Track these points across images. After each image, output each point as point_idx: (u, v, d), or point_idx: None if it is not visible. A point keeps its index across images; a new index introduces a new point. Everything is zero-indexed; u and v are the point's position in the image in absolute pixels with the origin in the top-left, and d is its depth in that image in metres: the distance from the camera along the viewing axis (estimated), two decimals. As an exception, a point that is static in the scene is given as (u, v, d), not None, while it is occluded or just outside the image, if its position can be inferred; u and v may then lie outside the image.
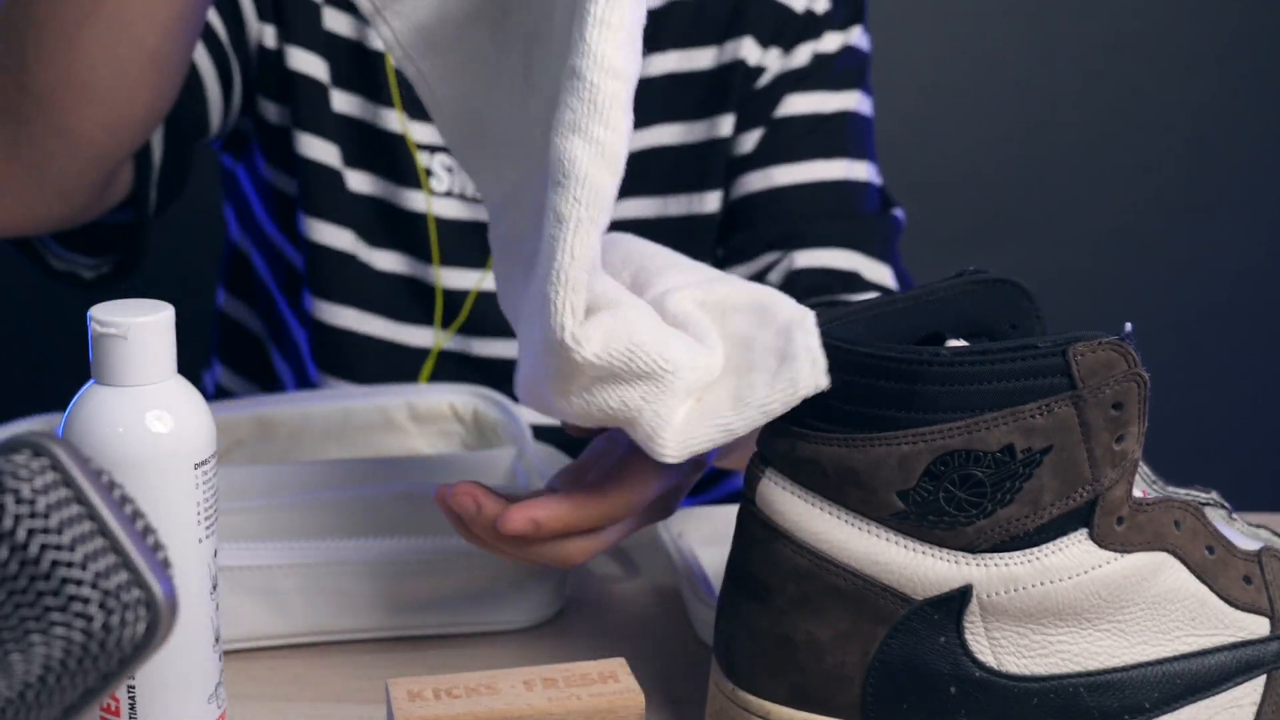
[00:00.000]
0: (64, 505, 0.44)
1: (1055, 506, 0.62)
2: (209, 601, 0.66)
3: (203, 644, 0.66)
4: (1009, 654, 0.63)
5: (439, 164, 1.09)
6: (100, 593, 0.43)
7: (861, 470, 0.62)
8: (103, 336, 0.63)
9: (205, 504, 0.65)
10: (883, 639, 0.64)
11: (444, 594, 0.80)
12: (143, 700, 0.65)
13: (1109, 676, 0.64)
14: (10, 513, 0.43)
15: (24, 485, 0.43)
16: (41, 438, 0.44)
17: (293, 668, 0.78)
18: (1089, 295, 1.95)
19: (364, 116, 1.09)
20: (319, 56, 1.08)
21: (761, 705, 0.65)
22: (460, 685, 0.66)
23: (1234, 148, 1.94)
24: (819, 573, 0.64)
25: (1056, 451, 0.62)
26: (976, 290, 0.69)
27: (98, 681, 0.45)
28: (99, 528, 0.44)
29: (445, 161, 1.09)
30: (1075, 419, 0.62)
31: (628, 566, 0.89)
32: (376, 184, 1.10)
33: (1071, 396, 0.61)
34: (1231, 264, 1.97)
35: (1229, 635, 0.65)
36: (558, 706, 0.64)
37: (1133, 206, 1.95)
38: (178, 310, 0.66)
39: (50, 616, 0.43)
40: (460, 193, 1.09)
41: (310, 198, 1.08)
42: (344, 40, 1.09)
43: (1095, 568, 0.63)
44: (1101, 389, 0.62)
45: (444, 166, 1.09)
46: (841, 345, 0.63)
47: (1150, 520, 0.64)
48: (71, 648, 0.43)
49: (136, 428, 0.63)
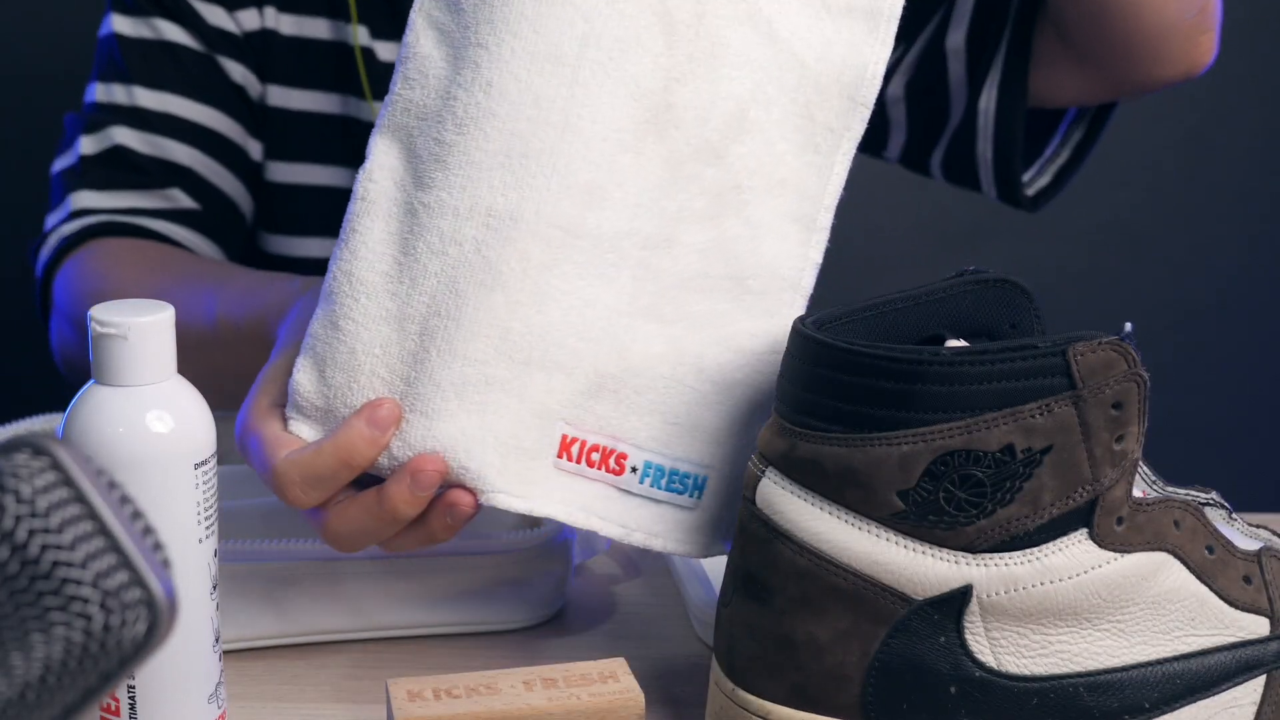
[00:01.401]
0: (64, 505, 0.44)
1: (1055, 506, 0.62)
2: (209, 601, 0.66)
3: (203, 644, 0.66)
4: (1009, 654, 0.63)
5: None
6: (100, 593, 0.43)
7: (861, 470, 0.62)
8: (103, 336, 0.63)
9: (205, 504, 0.65)
10: (883, 639, 0.64)
11: (444, 594, 0.80)
12: (143, 700, 0.65)
13: (1109, 676, 0.64)
14: (10, 513, 0.43)
15: (24, 485, 0.43)
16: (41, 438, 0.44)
17: (293, 668, 0.78)
18: (1089, 295, 1.95)
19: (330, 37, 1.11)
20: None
21: (761, 705, 0.65)
22: (460, 685, 0.66)
23: (1234, 147, 1.94)
24: (819, 573, 0.64)
25: (1056, 451, 0.62)
26: (976, 290, 0.69)
27: (98, 681, 0.45)
28: (99, 528, 0.44)
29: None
30: (1075, 419, 0.62)
31: (628, 566, 0.89)
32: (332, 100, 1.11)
33: (1071, 396, 0.61)
34: (1232, 264, 1.97)
35: (1229, 635, 0.65)
36: (558, 706, 0.64)
37: (1133, 206, 1.95)
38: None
39: (51, 616, 0.43)
40: None
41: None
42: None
43: (1095, 568, 0.63)
44: (1101, 389, 0.62)
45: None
46: (841, 345, 0.63)
47: (1150, 520, 0.64)
48: (72, 647, 0.43)
49: (136, 428, 0.63)
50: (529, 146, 0.68)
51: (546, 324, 0.69)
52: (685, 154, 0.70)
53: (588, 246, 0.69)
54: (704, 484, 0.73)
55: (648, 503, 0.72)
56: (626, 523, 0.72)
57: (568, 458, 0.70)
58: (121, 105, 1.07)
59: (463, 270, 0.68)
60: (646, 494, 0.72)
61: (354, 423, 0.68)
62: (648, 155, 0.70)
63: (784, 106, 0.72)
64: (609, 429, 0.71)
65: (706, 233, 0.71)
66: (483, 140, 0.68)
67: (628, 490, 0.71)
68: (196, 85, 1.08)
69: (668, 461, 0.72)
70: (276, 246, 1.12)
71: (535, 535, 0.80)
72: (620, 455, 0.71)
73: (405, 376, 0.68)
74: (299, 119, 1.10)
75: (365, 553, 0.78)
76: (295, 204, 1.11)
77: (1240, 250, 1.97)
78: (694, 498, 0.73)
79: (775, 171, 0.72)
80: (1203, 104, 1.93)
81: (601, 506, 0.71)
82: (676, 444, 0.72)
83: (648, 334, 0.71)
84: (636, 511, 0.72)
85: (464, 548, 0.79)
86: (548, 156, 0.68)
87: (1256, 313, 1.98)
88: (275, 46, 1.09)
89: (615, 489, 0.71)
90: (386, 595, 0.79)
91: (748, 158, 0.71)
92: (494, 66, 0.68)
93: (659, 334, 0.71)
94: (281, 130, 1.10)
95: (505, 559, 0.80)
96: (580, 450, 0.70)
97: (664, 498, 0.72)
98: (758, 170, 0.72)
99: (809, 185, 0.73)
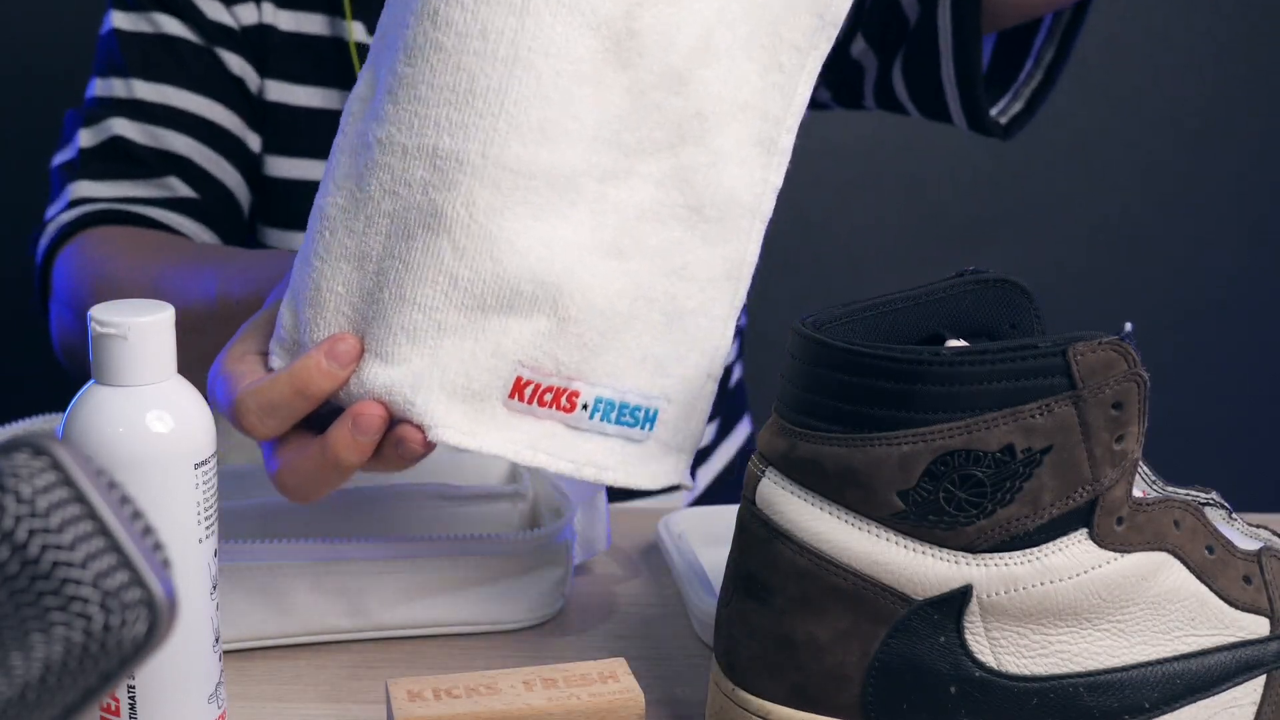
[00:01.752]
0: (64, 505, 0.44)
1: (1055, 506, 0.62)
2: (209, 601, 0.66)
3: (203, 644, 0.66)
4: (1009, 654, 0.63)
5: None
6: (100, 593, 0.43)
7: (861, 470, 0.62)
8: (103, 336, 0.63)
9: (205, 504, 0.65)
10: (883, 639, 0.64)
11: (444, 593, 0.80)
12: (143, 700, 0.65)
13: (1109, 676, 0.64)
14: (10, 513, 0.43)
15: (24, 485, 0.43)
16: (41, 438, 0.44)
17: (293, 668, 0.78)
18: (1089, 295, 1.95)
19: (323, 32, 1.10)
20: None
21: (761, 705, 0.65)
22: (460, 685, 0.66)
23: (1234, 146, 1.94)
24: (819, 573, 0.64)
25: (1056, 451, 0.62)
26: (976, 290, 0.69)
27: (98, 681, 0.45)
28: (99, 528, 0.44)
29: None
30: (1075, 419, 0.62)
31: (628, 566, 0.89)
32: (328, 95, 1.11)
33: (1071, 396, 0.61)
34: (1232, 264, 1.97)
35: (1229, 635, 0.65)
36: (558, 706, 0.64)
37: (1133, 206, 1.95)
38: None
39: (51, 616, 0.43)
40: None
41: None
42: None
43: (1095, 568, 0.63)
44: (1101, 389, 0.62)
45: None
46: (841, 345, 0.63)
47: (1150, 520, 0.64)
48: (72, 647, 0.43)
49: (136, 428, 0.63)
50: (475, 83, 0.65)
51: (499, 271, 0.67)
52: (648, 83, 0.68)
53: (541, 186, 0.67)
54: (655, 416, 0.71)
55: (597, 437, 0.71)
56: (575, 458, 0.70)
57: (519, 398, 0.69)
58: (120, 98, 1.07)
59: (413, 213, 0.67)
60: (596, 429, 0.70)
61: (313, 354, 0.68)
62: (607, 86, 0.67)
63: (750, 25, 0.70)
64: (566, 371, 0.69)
65: (664, 162, 0.70)
66: (429, 74, 0.66)
67: (577, 427, 0.70)
68: (195, 78, 1.08)
69: (618, 395, 0.70)
70: (277, 241, 1.13)
71: (535, 536, 0.80)
72: (572, 394, 0.70)
73: (365, 315, 0.68)
74: (298, 114, 1.10)
75: (365, 553, 0.78)
76: (295, 199, 1.11)
77: (1240, 250, 1.97)
78: (645, 430, 0.71)
79: (738, 94, 0.70)
80: (1203, 104, 1.93)
81: (549, 444, 0.70)
82: (627, 376, 0.70)
83: (608, 271, 0.69)
84: (585, 445, 0.70)
85: (464, 548, 0.79)
86: (495, 94, 0.66)
87: (1256, 313, 1.98)
88: (273, 41, 1.10)
89: (565, 426, 0.70)
90: (386, 595, 0.79)
91: (712, 82, 0.69)
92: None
93: (618, 270, 0.70)
94: (280, 125, 1.11)
95: (505, 559, 0.80)
96: (534, 392, 0.69)
97: (614, 431, 0.71)
98: (721, 95, 0.70)
99: (772, 107, 0.71)
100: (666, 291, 0.71)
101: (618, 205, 0.69)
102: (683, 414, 0.72)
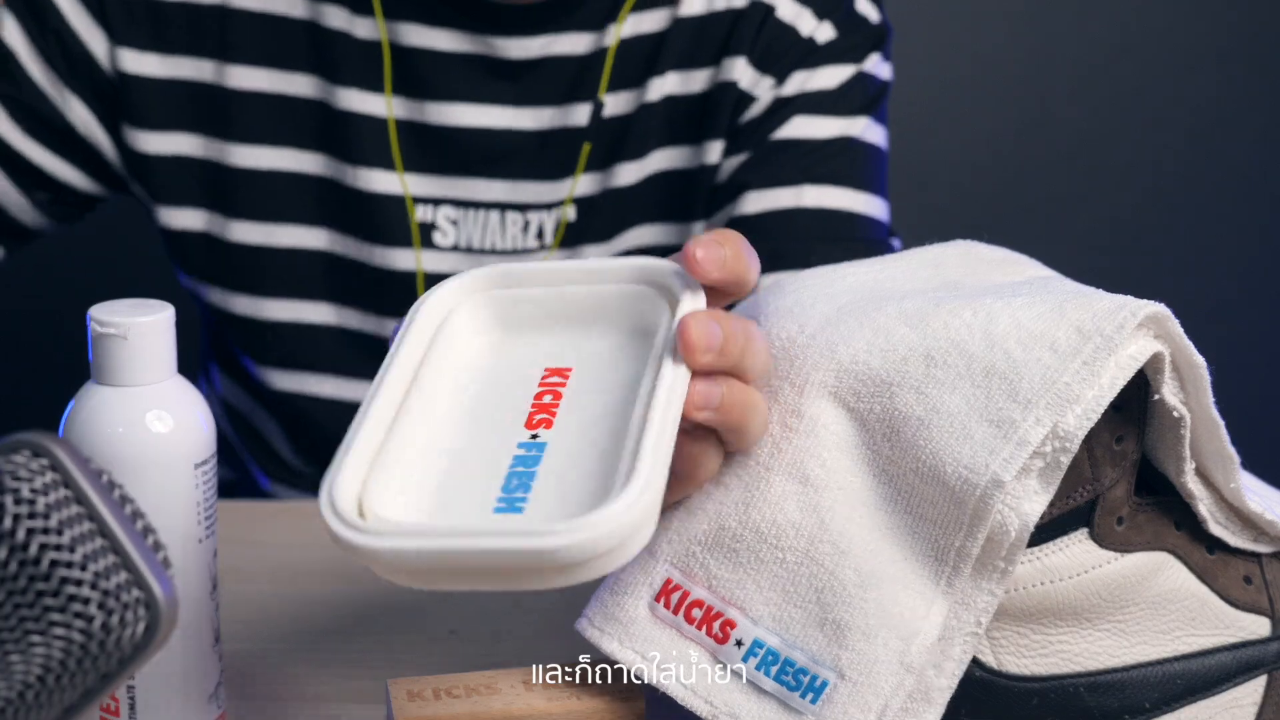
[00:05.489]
0: (64, 505, 0.44)
1: (1055, 506, 0.62)
2: (209, 601, 0.66)
3: (203, 644, 0.66)
4: (1009, 654, 0.63)
5: (443, 218, 1.05)
6: (100, 593, 0.43)
7: (862, 470, 0.62)
8: (103, 336, 0.63)
9: (205, 504, 0.65)
10: (883, 639, 0.63)
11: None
12: (143, 700, 0.65)
13: (1109, 676, 0.64)
14: (10, 513, 0.43)
15: (24, 485, 0.43)
16: (41, 438, 0.44)
17: (293, 668, 0.78)
18: (1089, 295, 1.95)
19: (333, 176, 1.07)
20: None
21: (762, 705, 0.65)
22: (460, 685, 0.66)
23: (1234, 147, 1.94)
24: (819, 573, 0.63)
25: (1057, 451, 0.62)
26: (977, 290, 0.69)
27: (97, 682, 0.45)
28: (99, 528, 0.44)
29: (450, 215, 1.05)
30: (1075, 419, 0.61)
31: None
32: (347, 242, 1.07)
33: (1072, 396, 0.61)
34: (1232, 264, 1.97)
35: (1229, 635, 0.65)
36: (558, 706, 0.64)
37: (1133, 206, 1.95)
38: (178, 311, 0.65)
39: (50, 617, 0.43)
40: (467, 245, 1.05)
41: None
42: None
43: (1095, 567, 0.63)
44: (1102, 389, 0.62)
45: (449, 220, 1.05)
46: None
47: (1150, 520, 0.64)
48: (71, 648, 0.43)
49: (136, 428, 0.63)
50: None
51: None
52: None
53: None
54: (823, 689, 0.60)
55: (748, 688, 0.61)
56: (715, 701, 0.61)
57: (666, 604, 0.63)
58: None
59: None
60: (750, 676, 0.61)
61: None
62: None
63: None
64: (720, 589, 0.62)
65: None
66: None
67: (726, 664, 0.62)
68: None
69: (783, 646, 0.61)
70: (242, 308, 1.10)
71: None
72: (727, 621, 0.62)
73: None
74: (264, 178, 1.07)
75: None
76: (260, 264, 1.09)
77: (1240, 251, 1.97)
78: (808, 700, 0.60)
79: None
80: (1203, 105, 1.93)
81: (690, 672, 0.62)
82: (797, 629, 0.61)
83: (782, 493, 0.62)
84: (733, 694, 0.61)
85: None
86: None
87: (1256, 313, 1.98)
88: (232, 101, 1.07)
89: (713, 657, 0.62)
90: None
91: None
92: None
93: (796, 496, 0.62)
94: (245, 190, 1.08)
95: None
96: (681, 600, 0.63)
97: (771, 688, 0.61)
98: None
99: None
100: (865, 545, 0.62)
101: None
102: (858, 704, 0.60)
